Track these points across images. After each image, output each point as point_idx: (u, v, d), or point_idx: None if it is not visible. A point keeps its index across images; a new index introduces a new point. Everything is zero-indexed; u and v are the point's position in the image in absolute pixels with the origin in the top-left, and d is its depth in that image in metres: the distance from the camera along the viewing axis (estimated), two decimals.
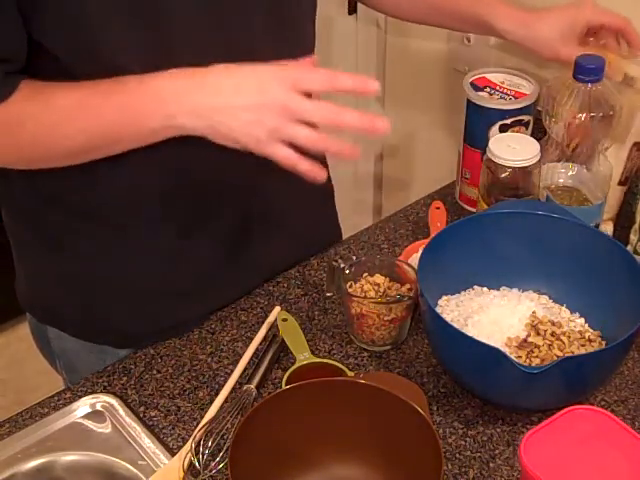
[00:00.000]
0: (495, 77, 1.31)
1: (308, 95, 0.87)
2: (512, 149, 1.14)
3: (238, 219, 1.10)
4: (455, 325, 0.98)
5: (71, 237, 1.07)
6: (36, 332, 1.21)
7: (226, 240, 1.10)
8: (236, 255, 1.12)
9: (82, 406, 1.01)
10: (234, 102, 0.87)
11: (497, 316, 1.03)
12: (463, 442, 0.97)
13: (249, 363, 1.05)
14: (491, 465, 0.95)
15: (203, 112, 0.87)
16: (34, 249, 1.12)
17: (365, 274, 1.10)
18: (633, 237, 1.12)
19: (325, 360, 1.04)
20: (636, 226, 1.10)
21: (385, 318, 1.04)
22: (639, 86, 1.18)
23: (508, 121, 1.25)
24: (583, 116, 1.13)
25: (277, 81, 0.86)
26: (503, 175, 1.14)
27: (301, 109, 0.86)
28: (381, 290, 1.08)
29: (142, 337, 1.09)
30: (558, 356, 0.97)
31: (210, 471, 0.91)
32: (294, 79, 0.86)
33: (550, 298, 1.09)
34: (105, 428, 0.99)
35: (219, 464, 0.91)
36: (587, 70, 1.12)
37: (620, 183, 1.22)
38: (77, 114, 0.90)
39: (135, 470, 0.95)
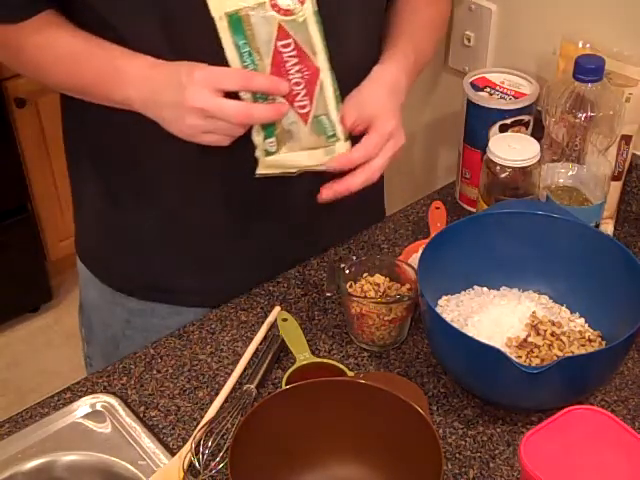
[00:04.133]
0: (495, 77, 1.31)
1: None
2: (512, 149, 1.14)
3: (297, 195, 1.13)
4: (455, 325, 0.98)
5: (124, 192, 1.13)
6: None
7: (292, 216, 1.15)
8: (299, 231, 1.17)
9: (82, 406, 1.01)
10: (162, 100, 0.94)
11: (497, 316, 1.03)
12: (463, 442, 0.97)
13: (249, 363, 1.05)
14: (491, 465, 0.95)
15: (147, 105, 0.96)
16: (91, 200, 1.18)
17: (365, 274, 1.10)
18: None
19: (325, 360, 1.04)
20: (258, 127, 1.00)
21: (385, 318, 1.04)
22: (619, 81, 1.18)
23: (508, 121, 1.25)
24: (583, 116, 1.13)
25: (194, 80, 0.91)
26: (503, 175, 1.14)
27: (215, 109, 0.91)
28: (381, 290, 1.08)
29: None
30: (558, 356, 0.97)
31: (210, 471, 0.91)
32: (211, 79, 0.91)
33: (550, 298, 1.09)
34: (105, 428, 0.99)
35: (219, 464, 0.91)
36: (587, 70, 1.12)
37: (613, 178, 1.22)
38: (65, 63, 1.00)
39: (135, 470, 0.95)
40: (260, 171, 0.98)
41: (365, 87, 1.02)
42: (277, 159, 0.96)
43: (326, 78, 0.93)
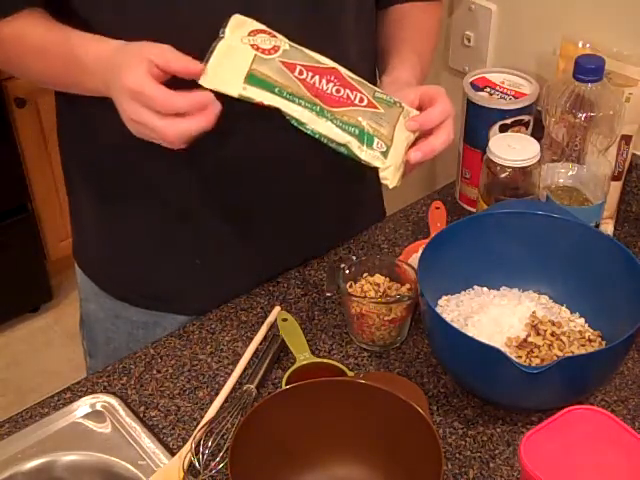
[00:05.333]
0: (495, 77, 1.31)
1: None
2: (512, 149, 1.14)
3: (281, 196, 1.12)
4: (455, 325, 0.98)
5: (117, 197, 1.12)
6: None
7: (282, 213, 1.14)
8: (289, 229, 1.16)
9: (82, 406, 1.01)
10: (112, 81, 0.90)
11: (497, 316, 1.03)
12: (463, 442, 0.97)
13: (249, 363, 1.05)
14: (491, 465, 0.95)
15: (109, 91, 0.91)
16: (85, 203, 1.17)
17: (365, 274, 1.10)
18: None
19: (325, 360, 1.04)
20: None
21: (385, 318, 1.04)
22: (619, 81, 1.18)
23: (508, 121, 1.25)
24: (583, 116, 1.13)
25: (132, 59, 0.88)
26: (503, 175, 1.14)
27: (140, 88, 0.86)
28: (381, 290, 1.08)
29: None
30: (558, 356, 0.97)
31: (210, 471, 0.91)
32: (145, 53, 0.88)
33: (550, 298, 1.09)
34: (105, 428, 0.99)
35: (219, 464, 0.91)
36: (587, 70, 1.12)
37: (613, 178, 1.22)
38: (34, 56, 0.99)
39: (135, 470, 0.95)
40: (394, 179, 0.95)
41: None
42: (393, 151, 0.94)
43: (344, 69, 0.94)
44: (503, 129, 1.25)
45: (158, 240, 1.13)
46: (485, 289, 1.09)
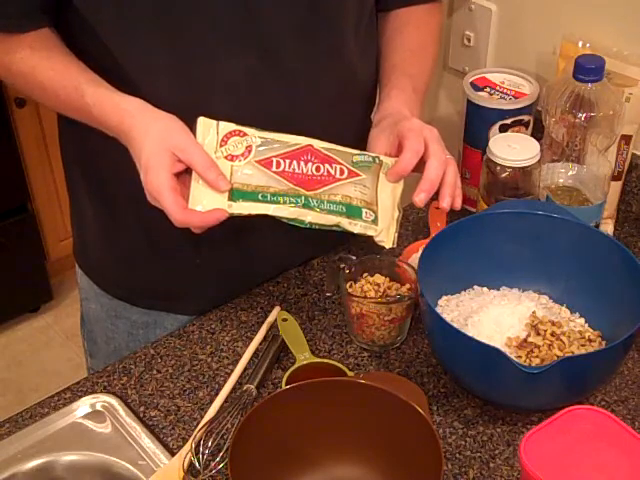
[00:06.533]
0: (495, 77, 1.31)
1: None
2: (512, 149, 1.14)
3: None
4: (455, 325, 0.98)
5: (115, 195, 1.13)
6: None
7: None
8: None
9: (82, 406, 1.01)
10: (137, 164, 0.94)
11: (497, 316, 1.03)
12: (463, 442, 0.97)
13: (249, 363, 1.05)
14: (491, 465, 0.95)
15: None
16: (84, 201, 1.18)
17: (365, 274, 1.10)
18: None
19: (325, 360, 1.04)
20: None
21: (385, 318, 1.04)
22: (619, 81, 1.18)
23: (508, 121, 1.25)
24: (583, 116, 1.13)
25: (160, 156, 0.90)
26: (503, 175, 1.14)
27: (159, 198, 0.91)
28: (381, 290, 1.08)
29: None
30: (558, 356, 0.97)
31: (210, 471, 0.91)
32: (174, 153, 0.90)
33: (550, 298, 1.09)
34: (105, 428, 0.99)
35: (219, 464, 0.91)
36: (587, 70, 1.12)
37: (613, 178, 1.22)
38: (48, 95, 1.00)
39: (135, 470, 0.95)
40: (389, 241, 0.98)
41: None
42: (381, 213, 0.96)
43: (317, 142, 0.95)
44: (503, 129, 1.25)
45: (158, 240, 1.13)
46: (485, 289, 1.09)
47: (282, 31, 0.98)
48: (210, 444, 0.92)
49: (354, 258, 1.15)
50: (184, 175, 0.92)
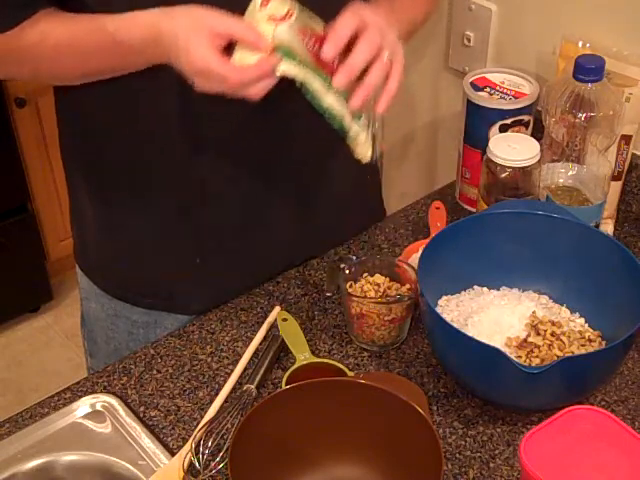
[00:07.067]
0: (495, 77, 1.31)
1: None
2: (512, 149, 1.14)
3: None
4: (455, 325, 0.98)
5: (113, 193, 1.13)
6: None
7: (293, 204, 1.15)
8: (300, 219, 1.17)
9: (82, 406, 1.01)
10: (177, 61, 0.91)
11: (497, 316, 1.03)
12: (463, 442, 0.97)
13: (249, 363, 1.05)
14: (491, 465, 0.95)
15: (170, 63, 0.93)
16: (85, 201, 1.17)
17: (365, 274, 1.10)
18: None
19: (325, 360, 1.04)
20: None
21: (385, 318, 1.04)
22: (619, 81, 1.18)
23: (508, 121, 1.25)
24: (583, 116, 1.13)
25: (198, 33, 0.89)
26: (503, 175, 1.14)
27: (216, 75, 0.89)
28: (381, 290, 1.08)
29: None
30: (558, 356, 0.97)
31: (210, 471, 0.91)
32: (211, 27, 0.89)
33: (550, 298, 1.09)
34: (105, 428, 0.99)
35: (219, 464, 0.91)
36: (587, 70, 1.12)
37: (613, 178, 1.22)
38: (69, 52, 0.98)
39: (135, 470, 0.95)
40: (367, 153, 0.97)
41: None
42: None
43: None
44: (503, 129, 1.25)
45: (158, 240, 1.13)
46: (485, 289, 1.09)
47: None
48: (210, 444, 0.92)
49: (354, 258, 1.15)
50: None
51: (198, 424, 0.97)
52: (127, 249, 1.16)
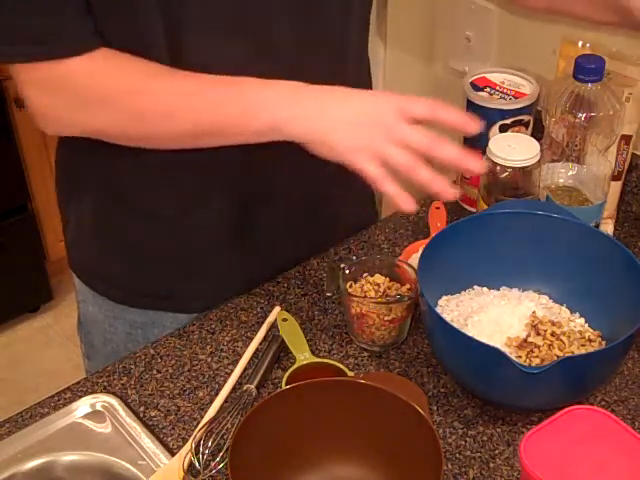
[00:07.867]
0: (495, 77, 1.31)
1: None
2: (512, 149, 1.14)
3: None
4: (455, 325, 0.98)
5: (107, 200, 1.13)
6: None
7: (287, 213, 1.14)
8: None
9: (82, 406, 1.01)
10: (344, 116, 0.92)
11: (497, 316, 1.03)
12: (463, 442, 0.97)
13: (249, 363, 1.05)
14: (491, 465, 0.95)
15: (314, 120, 0.92)
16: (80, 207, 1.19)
17: (365, 274, 1.10)
18: None
19: (325, 360, 1.04)
20: None
21: (385, 318, 1.04)
22: (619, 81, 1.18)
23: (508, 121, 1.25)
24: (583, 116, 1.13)
25: (386, 104, 0.92)
26: (503, 175, 1.14)
27: (402, 132, 0.91)
28: (381, 290, 1.08)
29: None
30: (558, 356, 0.97)
31: (210, 471, 0.91)
32: (401, 104, 0.92)
33: (550, 298, 1.09)
34: (105, 428, 0.99)
35: (219, 464, 0.91)
36: (587, 70, 1.12)
37: (613, 178, 1.22)
38: (193, 101, 0.94)
39: (135, 470, 0.95)
40: None
41: None
42: None
43: None
44: (503, 129, 1.25)
45: (157, 240, 1.13)
46: (485, 289, 1.09)
47: (277, 42, 0.98)
48: (210, 444, 0.92)
49: (354, 258, 1.16)
50: None
51: (198, 424, 0.97)
52: (127, 250, 1.16)
